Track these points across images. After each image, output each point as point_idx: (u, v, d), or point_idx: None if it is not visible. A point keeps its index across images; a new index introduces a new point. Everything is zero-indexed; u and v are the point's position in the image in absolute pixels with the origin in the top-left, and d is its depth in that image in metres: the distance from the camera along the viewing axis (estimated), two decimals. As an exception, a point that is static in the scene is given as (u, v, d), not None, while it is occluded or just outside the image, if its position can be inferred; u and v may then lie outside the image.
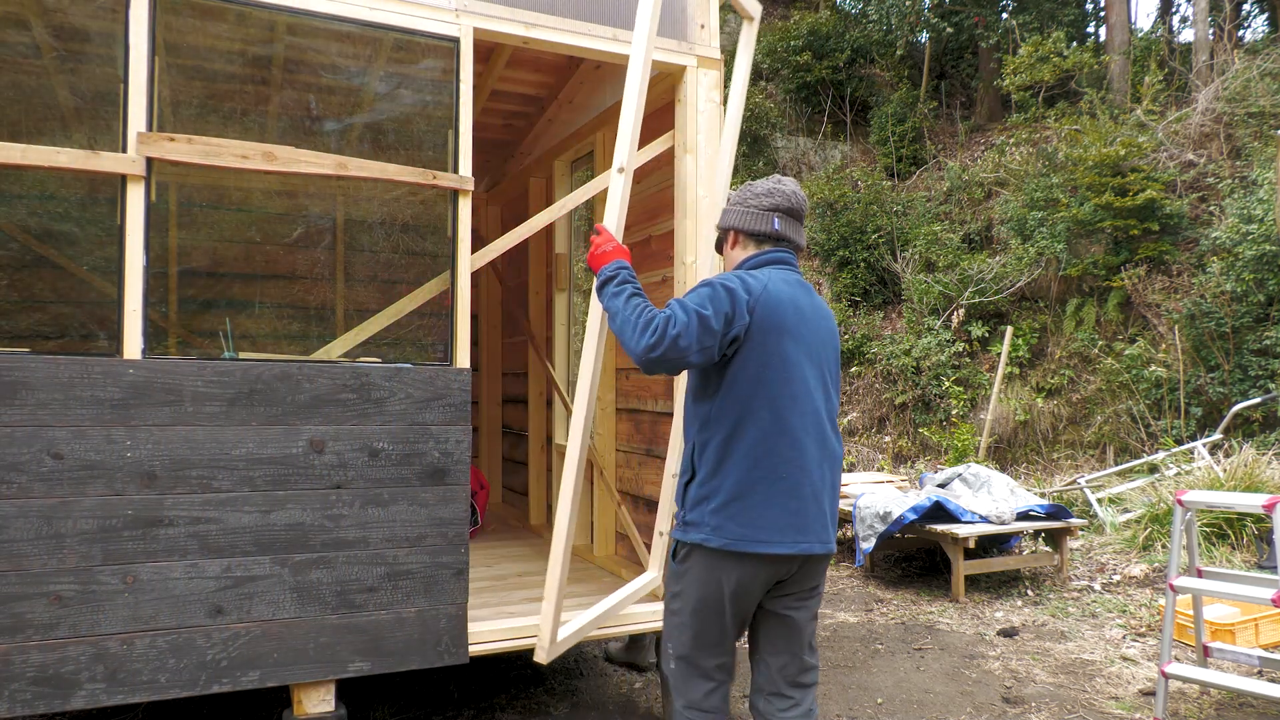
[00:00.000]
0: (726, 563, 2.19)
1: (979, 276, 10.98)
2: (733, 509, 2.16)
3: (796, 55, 15.58)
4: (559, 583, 2.66)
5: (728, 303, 2.13)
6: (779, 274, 2.28)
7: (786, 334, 2.18)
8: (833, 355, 2.35)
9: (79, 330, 4.46)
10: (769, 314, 2.17)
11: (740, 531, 2.15)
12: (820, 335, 2.29)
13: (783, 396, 2.17)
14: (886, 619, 5.11)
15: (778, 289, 2.21)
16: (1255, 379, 8.43)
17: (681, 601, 2.30)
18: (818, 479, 2.22)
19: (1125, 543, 6.31)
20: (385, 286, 5.27)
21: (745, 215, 2.37)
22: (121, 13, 2.59)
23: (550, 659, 2.76)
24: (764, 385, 2.16)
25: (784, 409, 2.17)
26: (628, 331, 2.13)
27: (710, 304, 2.12)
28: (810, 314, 2.27)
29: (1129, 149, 10.06)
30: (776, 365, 2.17)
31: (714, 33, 3.52)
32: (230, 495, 2.66)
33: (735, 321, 2.13)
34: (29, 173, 4.30)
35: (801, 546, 2.18)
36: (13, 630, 2.43)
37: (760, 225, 2.34)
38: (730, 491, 2.17)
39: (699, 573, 2.24)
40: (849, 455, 10.49)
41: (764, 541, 2.15)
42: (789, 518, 2.17)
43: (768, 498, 2.16)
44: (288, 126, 4.74)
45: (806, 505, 2.20)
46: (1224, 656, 3.76)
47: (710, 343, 2.11)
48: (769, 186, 2.38)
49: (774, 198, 2.36)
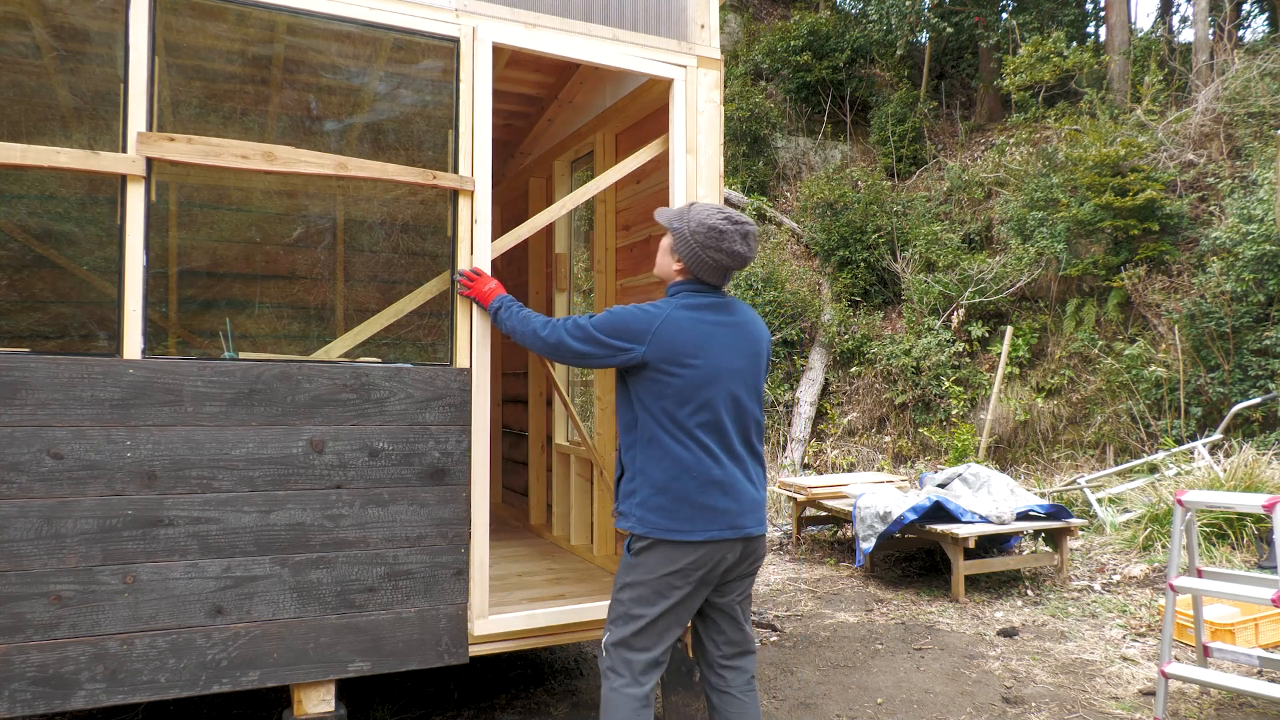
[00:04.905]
0: (658, 554, 2.45)
1: (979, 276, 10.98)
2: (652, 503, 2.46)
3: (796, 55, 15.58)
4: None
5: (621, 330, 2.49)
6: (690, 300, 2.55)
7: (690, 356, 2.46)
8: (748, 365, 2.56)
9: (79, 330, 4.46)
10: (668, 341, 2.46)
11: (661, 522, 2.44)
12: (734, 348, 2.53)
13: (683, 410, 2.45)
14: (886, 619, 5.11)
15: (679, 317, 2.49)
16: (1255, 379, 8.43)
17: (627, 591, 2.52)
18: (720, 476, 2.47)
19: (1125, 543, 6.31)
20: (385, 286, 5.27)
21: (703, 264, 2.55)
22: (121, 13, 2.59)
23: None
24: (667, 401, 2.46)
25: (686, 420, 2.45)
26: (529, 339, 2.69)
27: (603, 329, 2.51)
28: (720, 330, 2.52)
29: (1129, 149, 10.06)
30: (680, 385, 2.45)
31: (714, 33, 3.52)
32: (230, 495, 2.66)
33: (629, 347, 2.47)
34: (29, 173, 4.30)
35: (711, 534, 2.43)
36: (13, 630, 2.43)
37: (711, 278, 2.58)
38: (653, 487, 2.47)
39: (640, 567, 2.48)
40: (849, 455, 10.49)
41: (680, 531, 2.43)
42: (699, 512, 2.44)
43: (683, 494, 2.44)
44: (288, 126, 4.74)
45: (715, 499, 2.45)
46: (1224, 656, 3.76)
47: (593, 353, 2.52)
48: (735, 250, 2.53)
49: (734, 261, 2.55)
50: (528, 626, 3.12)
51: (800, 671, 4.18)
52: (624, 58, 3.32)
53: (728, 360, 2.50)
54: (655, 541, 2.45)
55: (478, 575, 3.00)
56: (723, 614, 2.61)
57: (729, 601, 2.59)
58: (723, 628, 2.62)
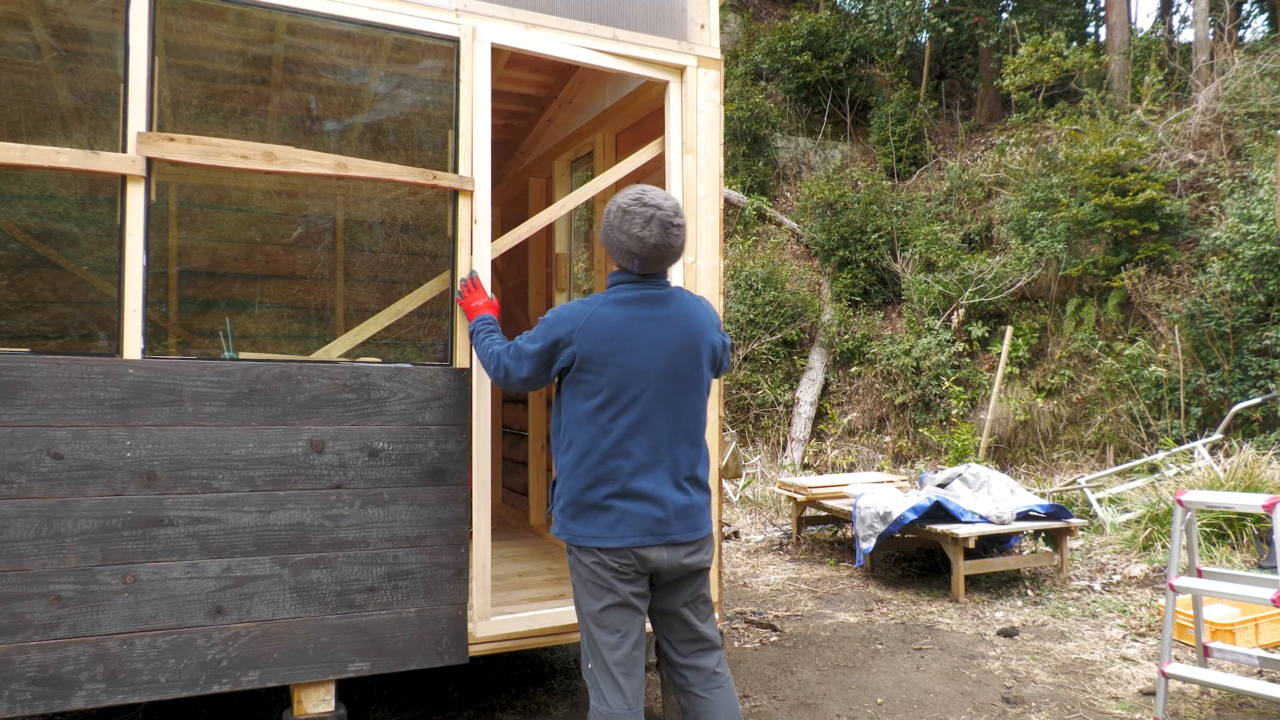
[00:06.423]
0: (585, 554, 2.41)
1: (979, 276, 10.98)
2: (571, 509, 2.42)
3: (796, 55, 15.58)
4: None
5: (549, 334, 2.41)
6: (619, 294, 2.44)
7: (614, 353, 2.37)
8: (683, 361, 2.44)
9: (79, 330, 4.46)
10: (593, 338, 2.38)
11: (579, 530, 2.40)
12: (663, 344, 2.41)
13: (606, 412, 2.38)
14: (886, 619, 5.11)
15: (605, 313, 2.40)
16: (1255, 379, 8.43)
17: (577, 598, 2.50)
18: (649, 485, 2.39)
19: (1125, 543, 6.30)
20: (385, 286, 5.27)
21: (613, 246, 2.45)
22: (121, 13, 2.59)
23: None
24: (590, 402, 2.39)
25: (608, 423, 2.37)
26: (486, 367, 2.65)
27: (536, 339, 2.45)
28: (648, 326, 2.41)
29: (1129, 149, 10.06)
30: (603, 384, 2.37)
31: (714, 32, 3.52)
32: (230, 495, 2.66)
33: (559, 348, 2.41)
34: (29, 173, 4.30)
35: (630, 540, 2.36)
36: (13, 630, 2.43)
37: (626, 264, 2.46)
38: (571, 493, 2.42)
39: (576, 568, 2.46)
40: (849, 455, 10.49)
41: (597, 538, 2.37)
42: (619, 517, 2.37)
43: (599, 500, 2.38)
44: (288, 126, 4.74)
45: (638, 506, 2.38)
46: (1224, 656, 3.76)
47: (534, 368, 2.46)
48: (635, 233, 2.37)
49: (636, 245, 2.39)
50: (528, 627, 3.12)
51: (800, 671, 4.18)
52: (624, 58, 3.31)
53: (655, 357, 2.39)
54: (578, 548, 2.42)
55: (479, 576, 3.00)
56: (673, 616, 2.54)
57: (674, 605, 2.52)
58: (674, 628, 2.55)
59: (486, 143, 3.05)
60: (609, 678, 2.40)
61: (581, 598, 2.46)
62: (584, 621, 2.48)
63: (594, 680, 2.43)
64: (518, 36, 3.14)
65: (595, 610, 2.42)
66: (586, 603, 2.45)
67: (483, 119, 3.04)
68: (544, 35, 3.19)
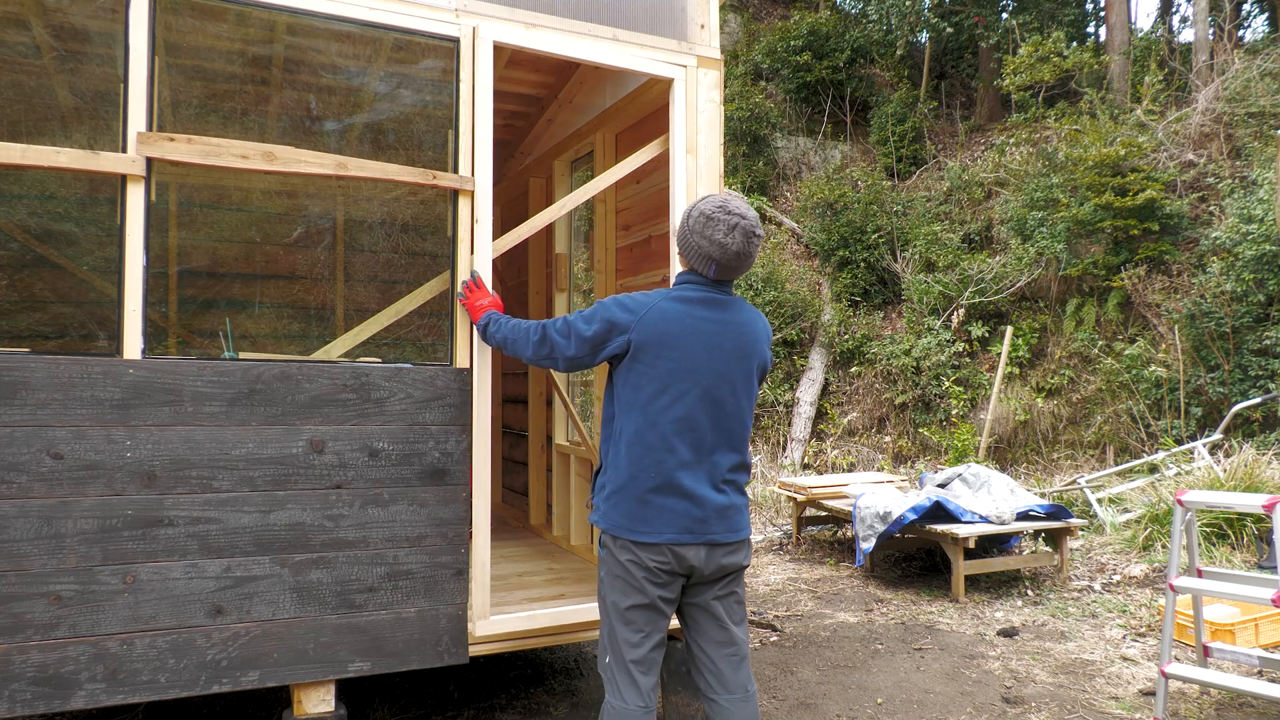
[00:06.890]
0: (620, 549, 2.42)
1: (979, 276, 10.98)
2: (614, 499, 2.43)
3: (796, 55, 15.58)
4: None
5: (609, 318, 2.45)
6: (684, 292, 2.48)
7: (669, 348, 2.40)
8: (736, 367, 2.46)
9: (79, 330, 4.46)
10: (651, 328, 2.41)
11: (620, 520, 2.41)
12: (719, 348, 2.44)
13: (656, 404, 2.40)
14: (886, 619, 5.11)
15: (667, 307, 2.43)
16: (1255, 379, 8.43)
17: (603, 591, 2.49)
18: (690, 482, 2.40)
19: (1125, 543, 6.30)
20: (385, 286, 5.27)
21: (690, 250, 2.48)
22: (121, 13, 2.59)
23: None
24: (641, 393, 2.41)
25: (657, 415, 2.40)
26: (520, 345, 2.67)
27: (593, 321, 2.47)
28: (708, 326, 2.44)
29: (1129, 149, 10.07)
30: (655, 376, 2.40)
31: (714, 32, 3.52)
32: (230, 495, 2.66)
33: (614, 334, 2.44)
34: (29, 173, 4.30)
35: (668, 536, 2.37)
36: (13, 630, 2.43)
37: (702, 269, 2.48)
38: (616, 484, 2.43)
39: (608, 561, 2.46)
40: (849, 455, 10.49)
41: (637, 530, 2.38)
42: (658, 513, 2.39)
43: (642, 494, 2.39)
44: (288, 126, 4.74)
45: (677, 503, 2.39)
46: (1224, 656, 3.76)
47: (585, 349, 2.49)
48: (717, 239, 2.42)
49: (717, 251, 2.43)
50: (528, 627, 3.12)
51: (800, 671, 4.18)
52: (624, 57, 3.32)
53: (709, 358, 2.42)
54: (615, 538, 2.43)
55: (479, 576, 3.00)
56: (703, 610, 2.51)
57: (705, 599, 2.50)
58: (704, 625, 2.51)
59: (488, 143, 3.05)
60: (626, 674, 2.41)
61: (608, 590, 2.45)
62: (607, 615, 2.47)
63: (611, 675, 2.44)
64: (518, 36, 3.13)
65: (622, 606, 2.42)
66: (613, 596, 2.44)
67: (484, 119, 3.04)
68: (545, 35, 3.19)
